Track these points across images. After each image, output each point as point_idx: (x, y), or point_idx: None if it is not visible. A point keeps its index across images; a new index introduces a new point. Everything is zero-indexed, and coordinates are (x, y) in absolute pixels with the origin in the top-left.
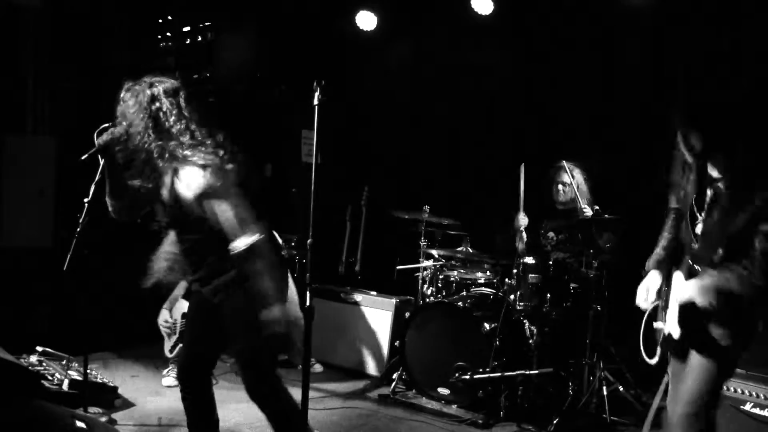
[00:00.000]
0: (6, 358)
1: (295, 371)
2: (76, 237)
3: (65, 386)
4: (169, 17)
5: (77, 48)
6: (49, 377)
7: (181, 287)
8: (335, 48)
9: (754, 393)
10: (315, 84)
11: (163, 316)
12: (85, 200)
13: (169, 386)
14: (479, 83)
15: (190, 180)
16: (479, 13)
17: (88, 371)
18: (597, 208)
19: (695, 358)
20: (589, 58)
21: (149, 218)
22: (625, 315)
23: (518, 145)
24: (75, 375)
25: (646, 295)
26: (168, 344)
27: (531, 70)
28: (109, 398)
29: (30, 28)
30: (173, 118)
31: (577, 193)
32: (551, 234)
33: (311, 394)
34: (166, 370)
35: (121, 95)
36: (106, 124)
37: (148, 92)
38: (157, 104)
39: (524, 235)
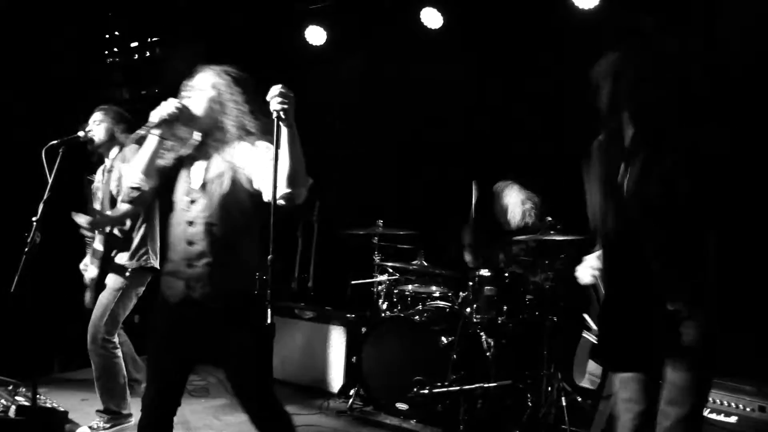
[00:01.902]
0: None
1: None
2: (24, 257)
3: (11, 413)
4: (117, 32)
5: (22, 60)
6: None
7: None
8: (284, 63)
9: (710, 399)
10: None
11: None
12: (33, 219)
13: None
14: (430, 97)
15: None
16: (429, 27)
17: (37, 396)
18: (549, 219)
19: None
20: (540, 71)
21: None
22: (581, 324)
23: (470, 159)
24: (23, 401)
25: None
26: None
27: (481, 84)
28: (60, 423)
29: None
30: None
31: (519, 212)
32: (501, 255)
33: None
34: None
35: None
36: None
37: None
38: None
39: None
